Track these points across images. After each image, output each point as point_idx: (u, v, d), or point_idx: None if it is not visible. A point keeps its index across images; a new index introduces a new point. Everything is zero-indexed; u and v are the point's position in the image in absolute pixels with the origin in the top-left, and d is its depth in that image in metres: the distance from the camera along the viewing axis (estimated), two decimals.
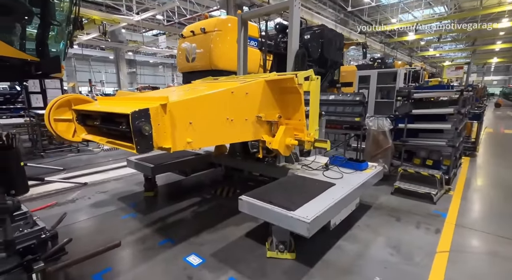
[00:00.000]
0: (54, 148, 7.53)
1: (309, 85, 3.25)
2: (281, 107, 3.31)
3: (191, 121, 2.34)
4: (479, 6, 19.08)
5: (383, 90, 6.66)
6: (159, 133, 2.11)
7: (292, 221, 2.26)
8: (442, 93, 4.33)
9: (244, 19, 4.52)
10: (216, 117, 2.61)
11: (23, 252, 1.46)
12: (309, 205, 2.45)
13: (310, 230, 2.19)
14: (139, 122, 1.92)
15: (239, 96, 2.81)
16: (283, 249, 2.65)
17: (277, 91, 3.23)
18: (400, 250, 2.84)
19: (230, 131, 2.74)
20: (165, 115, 2.13)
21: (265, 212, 2.44)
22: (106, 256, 2.71)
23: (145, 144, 2.00)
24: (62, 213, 2.08)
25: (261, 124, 3.11)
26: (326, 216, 2.44)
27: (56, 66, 3.87)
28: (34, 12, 3.87)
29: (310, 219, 2.19)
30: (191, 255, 2.74)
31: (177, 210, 3.84)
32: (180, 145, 2.28)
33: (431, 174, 4.17)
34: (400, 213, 3.71)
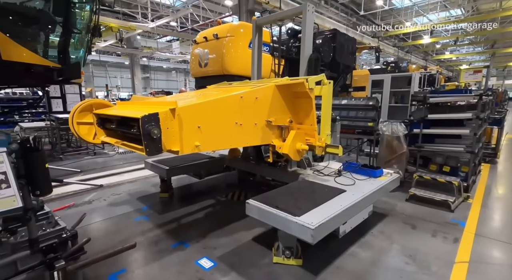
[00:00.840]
0: (72, 151, 7.81)
1: (321, 90, 3.23)
2: (292, 112, 3.31)
3: (200, 125, 2.41)
4: (498, 8, 18.54)
5: (397, 94, 6.53)
6: (168, 137, 2.18)
7: (297, 226, 2.24)
8: (459, 98, 4.21)
9: (259, 24, 4.58)
10: (224, 121, 2.65)
11: (45, 251, 1.52)
12: (316, 211, 2.42)
13: (314, 237, 2.16)
14: (149, 125, 2.00)
15: (248, 101, 2.85)
16: (289, 255, 2.62)
17: (288, 95, 3.24)
18: (416, 259, 2.76)
19: (239, 135, 2.78)
20: (174, 119, 2.21)
21: (271, 216, 2.44)
22: (121, 258, 2.77)
23: (154, 147, 2.08)
24: (82, 214, 2.14)
25: (271, 128, 3.12)
26: (333, 223, 2.40)
27: (76, 72, 4.04)
28: (57, 21, 4.07)
29: (314, 226, 2.16)
30: (203, 258, 2.76)
31: (190, 213, 3.89)
32: (188, 148, 2.34)
33: (449, 181, 4.05)
34: (416, 220, 3.61)
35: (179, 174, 4.53)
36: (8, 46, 3.58)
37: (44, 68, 3.93)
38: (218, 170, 4.99)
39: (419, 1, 18.29)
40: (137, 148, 2.34)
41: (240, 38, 6.63)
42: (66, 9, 3.98)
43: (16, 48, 3.72)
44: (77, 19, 4.40)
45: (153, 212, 3.93)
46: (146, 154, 2.14)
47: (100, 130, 3.01)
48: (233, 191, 4.64)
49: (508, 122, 10.78)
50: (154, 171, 4.45)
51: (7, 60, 3.62)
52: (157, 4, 15.13)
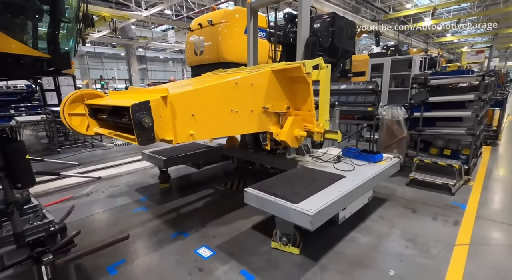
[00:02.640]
0: (70, 144, 7.75)
1: (319, 74, 3.13)
2: (290, 98, 3.23)
3: (193, 113, 2.34)
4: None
5: (397, 78, 6.40)
6: (161, 125, 2.12)
7: (295, 213, 2.22)
8: (461, 79, 4.10)
9: (254, 8, 4.41)
10: (219, 109, 2.57)
11: (33, 245, 1.48)
12: (314, 198, 2.40)
13: (313, 223, 2.14)
14: (140, 114, 1.94)
15: (244, 87, 2.76)
16: (285, 242, 2.60)
17: (285, 81, 3.15)
18: (416, 242, 2.74)
19: (235, 123, 2.71)
20: (166, 107, 2.14)
21: (269, 204, 2.42)
22: (120, 248, 2.77)
23: (146, 136, 2.02)
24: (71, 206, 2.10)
25: (268, 115, 3.05)
26: (332, 209, 2.38)
27: (66, 61, 3.90)
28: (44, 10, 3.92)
29: (313, 212, 2.14)
30: (202, 248, 2.75)
31: (188, 203, 3.87)
32: (182, 137, 2.27)
33: (449, 164, 4.00)
34: (416, 204, 3.58)
35: (177, 164, 4.49)
36: None
37: (33, 59, 3.83)
38: (216, 160, 4.95)
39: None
40: (130, 138, 2.27)
41: (236, 23, 6.42)
42: None
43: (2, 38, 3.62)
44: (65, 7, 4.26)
45: (151, 203, 3.91)
46: (138, 144, 2.09)
47: (93, 121, 2.91)
48: (232, 180, 4.61)
49: (510, 104, 10.64)
50: (151, 162, 4.40)
51: None
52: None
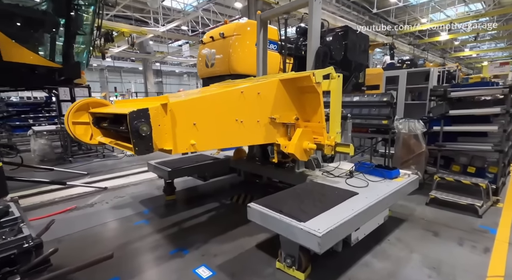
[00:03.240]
0: (82, 154, 7.86)
1: (329, 84, 2.98)
2: (299, 109, 3.08)
3: (195, 122, 2.24)
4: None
5: (414, 91, 6.14)
6: (160, 134, 2.02)
7: (302, 233, 2.01)
8: (485, 91, 3.81)
9: (263, 19, 4.39)
10: (223, 118, 2.46)
11: (1, 263, 1.34)
12: (324, 216, 2.19)
13: (322, 246, 1.91)
14: (138, 122, 1.86)
15: (250, 96, 2.64)
16: (290, 264, 2.35)
17: (294, 91, 3.01)
18: (440, 271, 2.43)
19: (240, 133, 2.58)
20: (166, 116, 2.05)
21: (274, 221, 2.22)
22: (115, 265, 2.61)
23: (144, 145, 1.93)
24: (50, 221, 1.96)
25: (275, 126, 2.90)
26: (343, 229, 2.15)
27: (76, 71, 4.01)
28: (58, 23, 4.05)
29: (322, 233, 1.92)
30: (201, 267, 2.55)
31: (192, 216, 3.70)
32: (182, 147, 2.17)
33: (475, 182, 3.65)
34: (438, 226, 3.25)
35: (182, 176, 4.37)
36: (9, 47, 3.57)
37: (46, 69, 3.92)
38: (223, 172, 4.80)
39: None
40: (128, 147, 2.18)
41: (247, 36, 6.45)
42: (67, 11, 3.96)
43: (17, 49, 3.72)
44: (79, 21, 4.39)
45: (154, 215, 3.76)
46: (135, 154, 1.98)
47: (96, 130, 2.89)
48: (238, 194, 4.42)
49: None
50: (156, 173, 4.31)
51: (8, 61, 3.62)
52: (169, 9, 15.31)
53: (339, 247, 2.59)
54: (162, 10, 14.85)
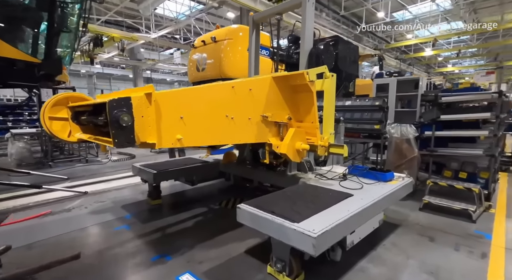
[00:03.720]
0: (64, 158, 7.49)
1: (323, 84, 2.89)
2: (291, 108, 2.97)
3: (182, 116, 2.10)
4: (500, 21, 18.54)
5: (403, 99, 6.20)
6: (143, 126, 1.87)
7: (296, 235, 1.86)
8: (476, 96, 3.85)
9: (256, 21, 4.37)
10: (212, 113, 2.33)
11: None
12: (318, 217, 2.05)
13: (316, 247, 1.76)
14: (118, 111, 1.71)
15: (241, 92, 2.52)
16: (280, 269, 2.19)
17: (287, 90, 2.90)
18: (439, 277, 2.31)
19: (230, 130, 2.44)
20: (150, 106, 1.90)
21: (265, 223, 2.07)
22: (89, 272, 2.37)
23: (124, 137, 1.77)
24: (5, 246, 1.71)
25: (267, 125, 2.78)
26: (339, 231, 2.01)
27: (57, 67, 3.80)
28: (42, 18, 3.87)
29: (317, 233, 1.78)
30: (185, 274, 2.34)
31: (178, 221, 3.48)
32: (167, 141, 2.02)
33: (467, 187, 3.62)
34: (433, 232, 3.16)
35: (169, 178, 4.15)
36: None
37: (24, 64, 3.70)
38: (212, 176, 4.61)
39: (420, 13, 18.40)
40: (108, 141, 2.00)
41: (239, 41, 6.42)
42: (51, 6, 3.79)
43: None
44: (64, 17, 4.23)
45: (136, 221, 3.52)
46: (114, 146, 1.82)
47: (75, 126, 2.67)
48: (227, 199, 4.23)
49: None
50: (141, 176, 4.07)
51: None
52: (161, 17, 15.30)
53: (337, 256, 2.41)
54: (154, 18, 14.85)
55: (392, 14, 17.27)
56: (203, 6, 12.92)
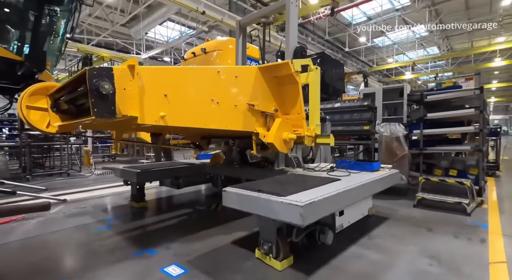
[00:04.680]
0: (43, 173, 7.11)
1: (308, 77, 2.91)
2: (278, 101, 2.97)
3: (166, 93, 2.05)
4: (469, 47, 20.10)
5: (390, 107, 6.38)
6: (125, 99, 1.79)
7: (283, 207, 1.80)
8: (459, 93, 3.97)
9: (242, 25, 4.49)
10: (197, 95, 2.30)
11: None
12: (306, 193, 1.99)
13: (304, 217, 1.70)
14: (98, 80, 1.63)
15: (227, 78, 2.52)
16: (266, 250, 2.10)
17: (273, 82, 2.90)
18: (441, 260, 2.19)
19: (215, 114, 2.40)
20: (133, 79, 1.84)
21: (252, 201, 2.00)
22: (61, 266, 2.15)
23: (104, 107, 1.67)
24: None
25: (254, 114, 2.74)
26: (326, 205, 1.96)
27: (40, 62, 3.69)
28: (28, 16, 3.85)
29: (304, 203, 1.73)
30: (171, 266, 2.13)
31: (161, 220, 3.28)
32: (150, 117, 1.94)
33: (459, 181, 3.61)
34: (430, 224, 3.07)
35: (152, 179, 3.96)
36: None
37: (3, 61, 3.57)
38: (199, 180, 4.42)
39: (398, 40, 19.71)
40: (88, 119, 1.87)
41: (228, 53, 6.57)
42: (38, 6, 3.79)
43: None
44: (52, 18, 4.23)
45: (119, 222, 3.27)
46: (93, 116, 1.69)
47: (55, 116, 2.51)
48: (216, 202, 4.03)
49: None
50: (124, 177, 3.85)
51: None
52: (152, 42, 15.71)
53: (328, 239, 2.31)
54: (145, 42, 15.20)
55: (373, 39, 18.43)
56: (194, 31, 13.38)
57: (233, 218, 3.20)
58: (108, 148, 14.04)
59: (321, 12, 11.42)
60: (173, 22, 14.29)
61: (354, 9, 13.53)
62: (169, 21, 14.12)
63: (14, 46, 3.87)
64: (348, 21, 16.71)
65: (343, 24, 16.88)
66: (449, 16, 15.20)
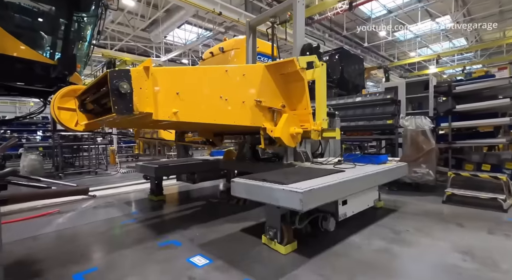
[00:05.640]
0: (73, 171, 7.52)
1: (313, 73, 2.98)
2: (285, 98, 3.06)
3: (178, 91, 2.19)
4: (501, 37, 18.80)
5: (414, 101, 6.13)
6: (141, 97, 1.95)
7: (284, 194, 1.94)
8: (492, 83, 3.72)
9: (252, 25, 4.64)
10: (207, 92, 2.43)
11: None
12: (307, 182, 2.11)
13: (304, 202, 1.83)
14: (118, 81, 1.83)
15: (235, 76, 2.67)
16: (271, 236, 2.26)
17: (280, 79, 3.00)
18: (474, 256, 2.08)
19: (224, 110, 2.53)
20: (148, 79, 2.00)
21: (257, 190, 2.15)
22: (94, 256, 2.27)
23: (124, 105, 1.86)
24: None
25: (262, 110, 2.84)
26: (326, 193, 2.07)
27: (71, 64, 3.92)
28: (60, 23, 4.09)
29: (303, 190, 1.85)
30: (197, 256, 2.18)
31: (183, 215, 3.41)
32: (164, 113, 2.10)
33: (493, 176, 3.39)
34: (461, 219, 2.92)
35: (169, 174, 4.26)
36: (3, 39, 3.52)
37: (40, 66, 3.83)
38: (213, 175, 4.54)
39: (421, 33, 18.85)
40: (110, 116, 2.02)
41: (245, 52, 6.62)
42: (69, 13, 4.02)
43: (12, 42, 3.67)
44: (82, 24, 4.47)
45: (142, 215, 3.41)
46: (114, 113, 1.87)
47: (82, 116, 2.78)
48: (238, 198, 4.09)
49: None
50: (144, 172, 4.13)
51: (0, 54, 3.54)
52: (171, 44, 16.15)
53: (330, 225, 2.40)
54: (164, 45, 15.66)
55: (393, 33, 17.79)
56: (210, 33, 13.59)
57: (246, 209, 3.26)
58: (132, 148, 14.57)
59: (339, 7, 11.18)
60: (191, 25, 14.57)
61: (373, 2, 13.11)
62: (186, 24, 14.42)
63: (48, 51, 4.11)
64: (367, 16, 16.23)
65: (362, 18, 16.41)
66: (478, 5, 14.33)
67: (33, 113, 5.36)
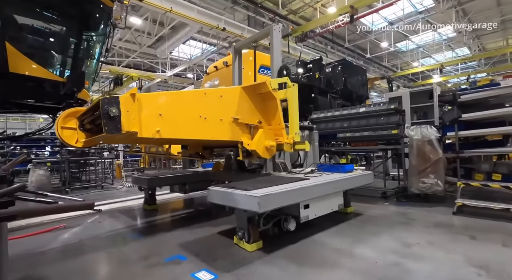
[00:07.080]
0: (80, 186, 7.57)
1: (286, 93, 3.30)
2: (262, 115, 3.37)
3: (161, 113, 2.51)
4: (504, 45, 18.80)
5: (419, 111, 6.11)
6: (129, 119, 2.25)
7: (246, 199, 2.30)
8: (499, 91, 3.68)
9: (237, 49, 5.24)
10: (187, 113, 2.73)
11: None
12: (268, 188, 2.45)
13: (261, 205, 2.19)
14: (108, 106, 2.14)
15: (212, 97, 2.97)
16: (240, 236, 2.59)
17: (257, 98, 3.35)
18: (490, 269, 2.00)
19: (203, 127, 2.83)
20: (134, 103, 2.30)
21: (227, 196, 2.51)
22: (98, 273, 2.23)
23: (112, 126, 2.16)
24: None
25: (239, 126, 3.14)
26: (283, 197, 2.42)
27: (80, 80, 4.02)
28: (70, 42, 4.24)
29: (260, 194, 2.23)
30: (202, 271, 2.14)
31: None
32: (148, 131, 2.40)
33: (506, 186, 3.31)
34: (473, 231, 2.83)
35: (161, 185, 4.44)
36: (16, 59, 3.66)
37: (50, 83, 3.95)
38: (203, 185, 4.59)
39: (423, 43, 18.98)
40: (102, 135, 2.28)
41: (248, 65, 6.72)
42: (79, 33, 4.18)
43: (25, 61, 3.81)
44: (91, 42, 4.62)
45: (146, 231, 3.39)
46: (104, 132, 2.16)
47: (82, 134, 3.05)
48: None
49: None
50: (138, 184, 4.40)
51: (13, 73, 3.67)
52: (176, 60, 16.54)
53: (290, 226, 2.75)
54: (170, 61, 16.04)
55: (395, 44, 17.96)
56: (215, 48, 13.90)
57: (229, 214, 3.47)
58: (137, 162, 14.67)
59: (340, 20, 11.38)
60: (195, 40, 14.94)
61: (374, 15, 13.33)
62: (191, 40, 14.80)
63: (58, 70, 4.24)
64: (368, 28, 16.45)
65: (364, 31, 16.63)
66: (479, 15, 14.44)
67: (42, 129, 5.48)
